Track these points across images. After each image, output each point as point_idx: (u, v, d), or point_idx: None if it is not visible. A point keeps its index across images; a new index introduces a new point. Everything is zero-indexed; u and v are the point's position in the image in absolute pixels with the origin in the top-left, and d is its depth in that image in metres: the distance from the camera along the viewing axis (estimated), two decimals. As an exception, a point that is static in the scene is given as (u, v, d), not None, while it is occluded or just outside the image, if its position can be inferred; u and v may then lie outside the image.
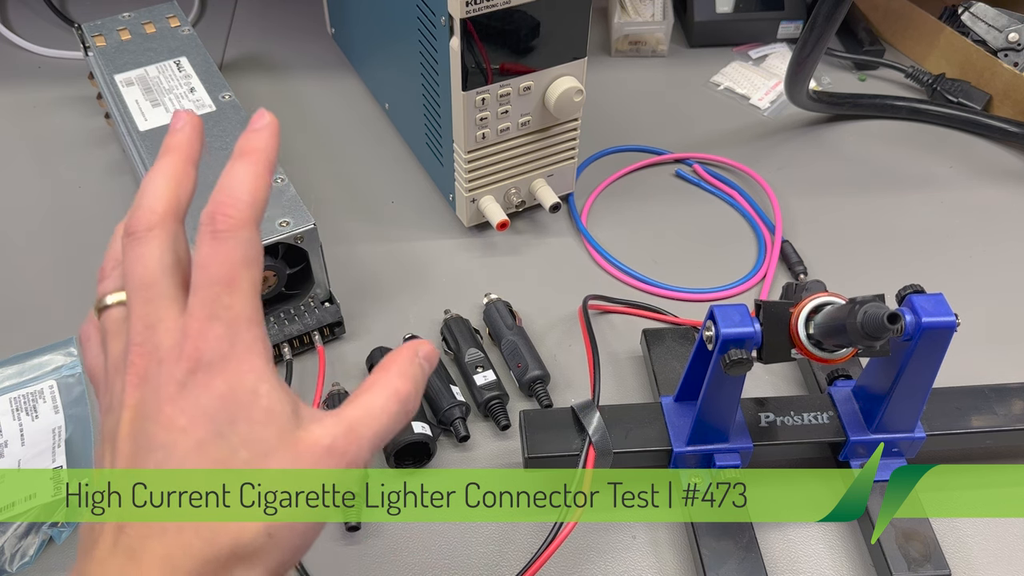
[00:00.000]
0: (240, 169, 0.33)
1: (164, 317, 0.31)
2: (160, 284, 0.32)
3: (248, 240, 0.32)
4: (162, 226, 0.33)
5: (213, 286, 0.31)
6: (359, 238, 0.70)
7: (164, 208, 0.33)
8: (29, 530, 0.51)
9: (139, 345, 0.31)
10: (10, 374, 0.59)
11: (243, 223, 0.32)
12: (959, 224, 0.72)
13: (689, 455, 0.51)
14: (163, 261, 0.32)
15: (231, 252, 0.31)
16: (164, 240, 0.33)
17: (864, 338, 0.40)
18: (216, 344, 0.30)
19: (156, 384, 0.31)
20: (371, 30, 0.75)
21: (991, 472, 0.55)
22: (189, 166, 0.35)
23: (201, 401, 0.30)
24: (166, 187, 0.34)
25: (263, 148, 0.34)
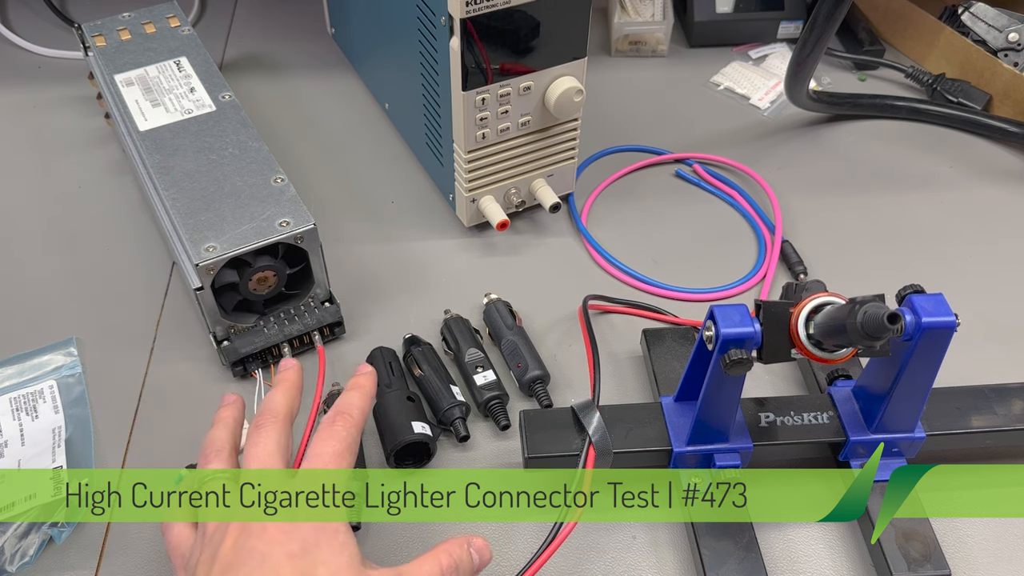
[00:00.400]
0: (354, 394, 0.47)
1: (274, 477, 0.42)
2: (274, 456, 0.44)
3: (354, 436, 0.45)
4: (281, 423, 0.46)
5: (324, 456, 0.43)
6: (359, 238, 0.70)
7: (284, 412, 0.46)
8: (29, 530, 0.51)
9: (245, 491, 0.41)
10: (10, 374, 0.59)
11: (353, 424, 0.45)
12: (959, 224, 0.72)
13: (689, 455, 0.51)
14: (279, 443, 0.44)
15: (344, 439, 0.44)
16: (280, 431, 0.45)
17: (864, 338, 0.40)
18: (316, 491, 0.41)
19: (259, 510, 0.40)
20: (371, 30, 0.75)
21: (991, 472, 0.55)
22: (297, 392, 0.48)
23: (297, 527, 0.40)
24: (285, 400, 0.47)
25: (367, 385, 0.49)
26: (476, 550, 0.44)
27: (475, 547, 0.44)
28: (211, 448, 0.46)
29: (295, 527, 0.40)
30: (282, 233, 0.56)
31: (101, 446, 0.56)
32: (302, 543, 0.40)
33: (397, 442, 0.53)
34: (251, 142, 0.63)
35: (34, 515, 0.51)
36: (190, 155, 0.62)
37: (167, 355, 0.61)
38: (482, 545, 0.44)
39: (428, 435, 0.53)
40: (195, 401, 0.58)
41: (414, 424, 0.53)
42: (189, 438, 0.55)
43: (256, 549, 0.39)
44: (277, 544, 0.39)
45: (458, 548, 0.43)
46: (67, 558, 0.51)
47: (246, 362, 0.59)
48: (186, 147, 0.62)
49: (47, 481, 0.53)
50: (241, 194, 0.58)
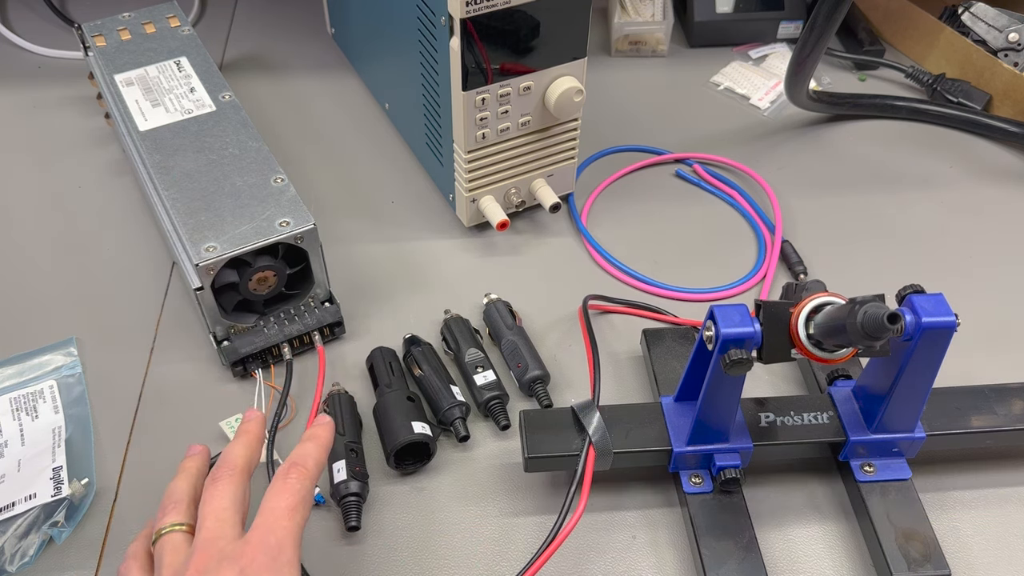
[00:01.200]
0: (310, 445, 0.46)
1: (228, 534, 0.41)
2: (230, 512, 0.43)
3: (308, 489, 0.44)
4: (239, 476, 0.45)
5: (277, 511, 0.42)
6: (359, 238, 0.70)
7: (241, 466, 0.45)
8: (29, 530, 0.51)
9: (203, 549, 0.41)
10: (10, 374, 0.59)
11: (308, 477, 0.44)
12: (959, 224, 0.72)
13: (689, 455, 0.51)
14: (235, 498, 0.44)
15: (297, 492, 0.43)
16: (238, 485, 0.44)
17: (864, 338, 0.40)
18: (268, 551, 0.40)
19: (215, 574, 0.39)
20: (371, 30, 0.75)
21: (991, 472, 0.55)
22: (258, 444, 0.48)
23: None
24: (244, 452, 0.46)
25: (323, 436, 0.47)
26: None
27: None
28: (169, 500, 0.45)
29: None
30: (282, 233, 0.56)
31: (101, 446, 0.56)
32: None
33: (397, 442, 0.53)
34: (251, 142, 0.63)
35: (34, 515, 0.51)
36: (190, 155, 0.62)
37: (167, 355, 0.61)
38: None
39: (428, 435, 0.53)
40: (195, 401, 0.58)
41: (414, 424, 0.53)
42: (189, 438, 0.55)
43: None
44: None
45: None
46: (67, 558, 0.51)
47: (246, 362, 0.59)
48: (186, 147, 0.62)
49: (47, 481, 0.53)
50: (241, 194, 0.58)
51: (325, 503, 0.53)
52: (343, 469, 0.52)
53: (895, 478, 0.52)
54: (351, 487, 0.51)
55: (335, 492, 0.52)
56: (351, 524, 0.51)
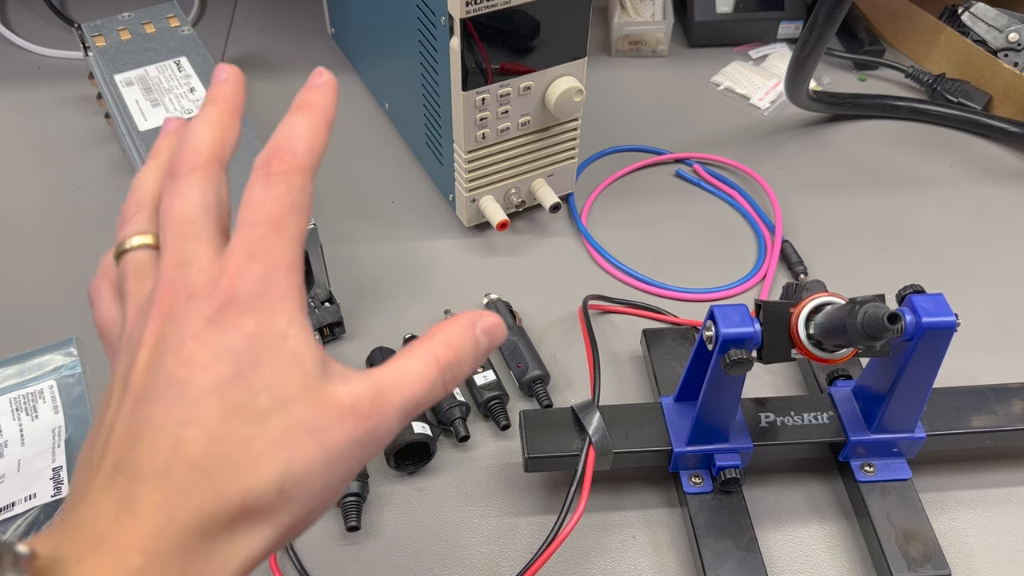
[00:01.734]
0: (299, 119, 0.33)
1: (200, 255, 0.30)
2: (199, 222, 0.31)
3: (300, 187, 0.32)
4: (207, 167, 0.32)
5: (259, 226, 0.30)
6: (359, 238, 0.70)
7: (209, 151, 0.33)
8: (29, 530, 0.51)
9: (169, 282, 0.30)
10: (10, 374, 0.59)
11: (297, 169, 0.32)
12: (959, 224, 0.72)
13: (689, 455, 0.51)
14: (205, 201, 0.32)
15: (282, 196, 0.31)
16: (207, 181, 0.32)
17: (864, 338, 0.40)
18: (252, 284, 0.29)
19: (181, 319, 0.29)
20: (371, 30, 0.75)
21: (991, 472, 0.55)
22: (235, 116, 0.34)
23: (227, 338, 0.29)
24: (212, 132, 0.33)
25: (322, 104, 0.34)
26: (484, 331, 0.33)
27: (483, 328, 0.33)
28: (132, 200, 0.34)
29: (223, 337, 0.28)
30: (282, 233, 0.56)
31: (101, 446, 0.56)
32: (233, 362, 0.28)
33: (397, 442, 0.53)
34: (251, 142, 0.63)
35: (34, 515, 0.51)
36: (190, 155, 0.62)
37: (167, 355, 0.61)
38: (493, 324, 0.33)
39: (428, 435, 0.53)
40: (195, 401, 0.58)
41: (414, 424, 0.53)
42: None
43: (173, 375, 0.28)
44: (198, 367, 0.28)
45: (460, 333, 0.32)
46: (67, 558, 0.51)
47: (246, 362, 0.59)
48: (186, 147, 0.62)
49: (47, 481, 0.53)
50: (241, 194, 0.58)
51: None
52: (343, 469, 0.52)
53: (895, 478, 0.52)
54: (351, 487, 0.51)
55: (335, 492, 0.52)
56: (351, 524, 0.51)
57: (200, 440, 0.27)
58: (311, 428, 0.29)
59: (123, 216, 0.34)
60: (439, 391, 0.32)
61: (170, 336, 0.29)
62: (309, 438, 0.28)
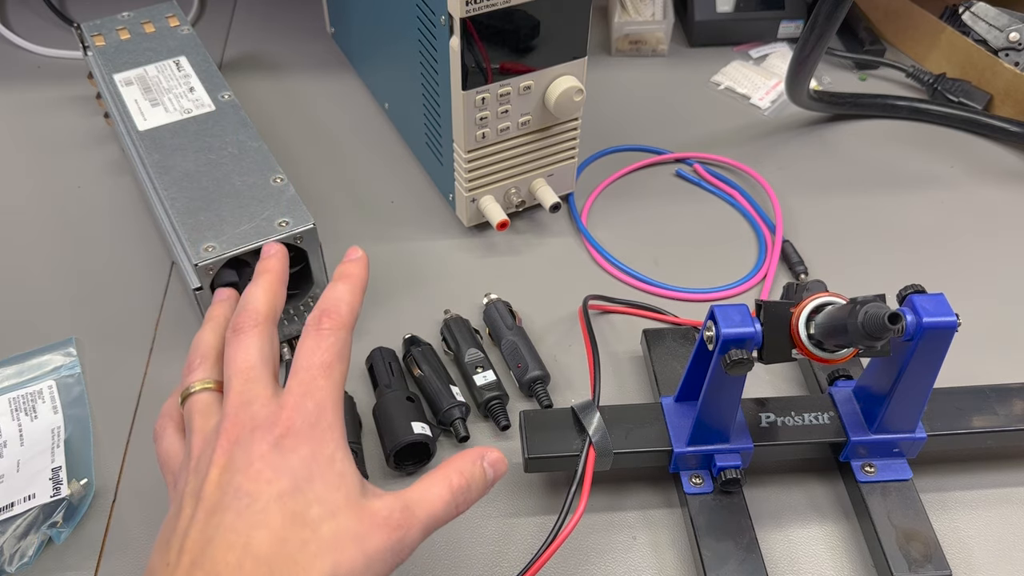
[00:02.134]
0: (342, 286, 0.42)
1: (260, 395, 0.37)
2: (258, 368, 0.39)
3: (344, 340, 0.39)
4: (263, 325, 0.41)
5: (312, 369, 0.38)
6: (359, 238, 0.69)
7: (265, 312, 0.41)
8: (28, 530, 0.51)
9: (235, 416, 0.37)
10: (9, 374, 0.59)
11: (343, 326, 0.40)
12: (959, 224, 0.72)
13: (689, 455, 0.51)
14: (262, 351, 0.39)
15: (332, 346, 0.39)
16: (264, 336, 0.40)
17: (865, 338, 0.40)
18: (306, 416, 0.36)
19: (248, 445, 0.36)
20: (371, 30, 0.75)
21: (992, 472, 0.55)
22: (281, 286, 0.44)
23: (287, 460, 0.35)
24: (266, 297, 0.42)
25: (358, 274, 0.43)
26: (490, 464, 0.40)
27: (489, 461, 0.40)
28: (195, 354, 0.42)
29: (284, 459, 0.35)
30: (282, 233, 0.56)
31: (101, 446, 0.56)
32: (292, 479, 0.35)
33: (397, 442, 0.53)
34: (251, 142, 0.63)
35: (33, 515, 0.51)
36: (189, 155, 0.62)
37: (167, 355, 0.61)
38: (497, 458, 0.40)
39: (428, 435, 0.53)
40: (195, 401, 0.58)
41: (414, 424, 0.53)
42: (189, 438, 0.55)
43: (242, 489, 0.35)
44: (264, 482, 0.35)
45: (470, 464, 0.39)
46: (67, 558, 0.51)
47: (246, 362, 0.59)
48: (185, 147, 0.62)
49: (46, 481, 0.53)
50: (240, 194, 0.58)
51: None
52: (343, 469, 0.52)
53: (896, 478, 0.52)
54: (351, 487, 0.51)
55: (335, 492, 0.52)
56: (351, 524, 0.51)
57: (266, 541, 0.34)
58: (354, 535, 0.35)
59: (189, 366, 0.41)
60: (452, 511, 0.39)
61: (238, 458, 0.36)
62: (353, 543, 0.35)
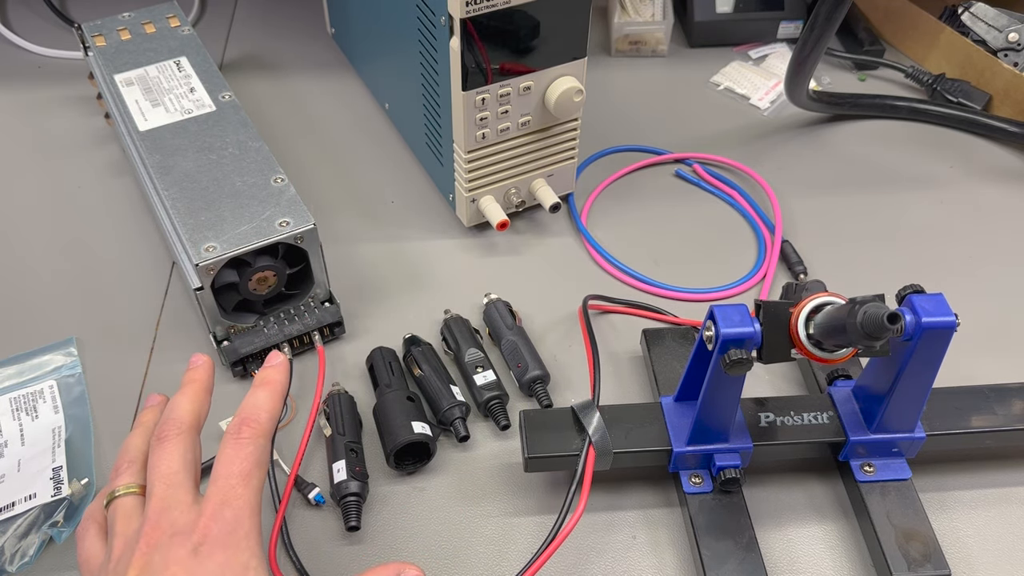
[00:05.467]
0: (261, 394, 0.43)
1: (181, 501, 0.39)
2: (180, 475, 0.40)
3: (263, 447, 0.40)
4: (187, 433, 0.41)
5: (231, 478, 0.39)
6: (359, 238, 0.70)
7: (188, 421, 0.42)
8: (29, 530, 0.51)
9: (155, 521, 0.38)
10: (10, 374, 0.59)
11: (261, 433, 0.41)
12: (959, 224, 0.72)
13: (689, 455, 0.51)
14: (184, 458, 0.40)
15: (250, 454, 0.40)
16: (186, 444, 0.41)
17: (864, 338, 0.40)
18: (224, 524, 0.37)
19: (166, 551, 0.37)
20: (371, 30, 0.75)
21: (991, 472, 0.55)
22: (205, 395, 0.44)
23: (203, 566, 0.36)
24: (190, 407, 0.43)
25: (278, 380, 0.44)
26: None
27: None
28: (123, 459, 0.43)
29: (200, 565, 0.37)
30: (282, 233, 0.56)
31: (101, 446, 0.56)
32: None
33: (397, 442, 0.53)
34: (251, 142, 0.63)
35: (34, 515, 0.51)
36: (190, 155, 0.62)
37: (167, 355, 0.61)
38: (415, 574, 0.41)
39: (428, 435, 0.53)
40: (195, 401, 0.58)
41: (414, 424, 0.53)
42: (189, 438, 0.55)
43: None
44: None
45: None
46: (67, 558, 0.51)
47: (246, 362, 0.59)
48: (186, 147, 0.62)
49: (47, 481, 0.53)
50: (241, 194, 0.58)
51: (325, 503, 0.53)
52: (343, 469, 0.52)
53: (895, 478, 0.52)
54: (351, 487, 0.51)
55: (335, 492, 0.52)
56: (351, 524, 0.51)
57: None
58: None
59: (116, 470, 0.42)
60: None
61: (156, 563, 0.37)
62: None
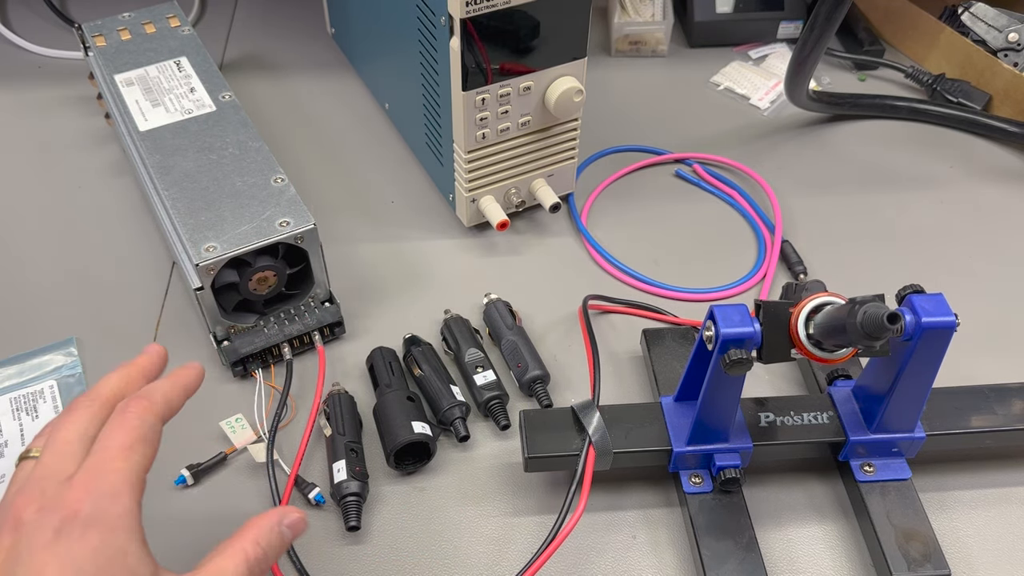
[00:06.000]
0: (162, 382, 0.41)
1: (61, 472, 0.36)
2: (74, 444, 0.37)
3: (151, 425, 0.38)
4: (98, 406, 0.39)
5: (109, 450, 0.36)
6: (359, 238, 0.70)
7: (105, 395, 0.40)
8: (29, 530, 0.51)
9: (27, 492, 0.35)
10: (10, 374, 0.59)
11: (151, 411, 0.38)
12: (959, 224, 0.72)
13: (689, 455, 0.51)
14: (85, 431, 0.38)
15: (134, 428, 0.37)
16: (94, 416, 0.38)
17: (864, 338, 0.40)
18: (97, 500, 0.34)
19: (31, 530, 0.34)
20: (371, 30, 0.75)
21: (991, 472, 0.55)
22: (139, 377, 0.42)
23: (73, 551, 0.33)
24: (113, 383, 0.41)
25: (187, 378, 0.42)
26: (289, 526, 0.39)
27: (288, 523, 0.39)
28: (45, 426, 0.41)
29: (69, 550, 0.33)
30: (282, 233, 0.56)
31: (101, 446, 0.56)
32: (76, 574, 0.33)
33: (397, 442, 0.53)
34: (251, 142, 0.63)
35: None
36: (190, 155, 0.62)
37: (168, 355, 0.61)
38: (296, 520, 0.40)
39: (428, 435, 0.53)
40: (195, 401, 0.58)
41: (414, 424, 0.53)
42: (188, 438, 0.55)
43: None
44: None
45: (267, 532, 0.38)
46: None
47: (246, 362, 0.59)
48: (186, 147, 0.63)
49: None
50: (241, 194, 0.58)
51: (325, 503, 0.53)
52: (343, 469, 0.52)
53: (895, 478, 0.52)
54: (351, 487, 0.51)
55: (335, 492, 0.52)
56: (351, 524, 0.51)
57: None
58: None
59: (42, 431, 0.40)
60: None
61: (22, 545, 0.34)
62: None
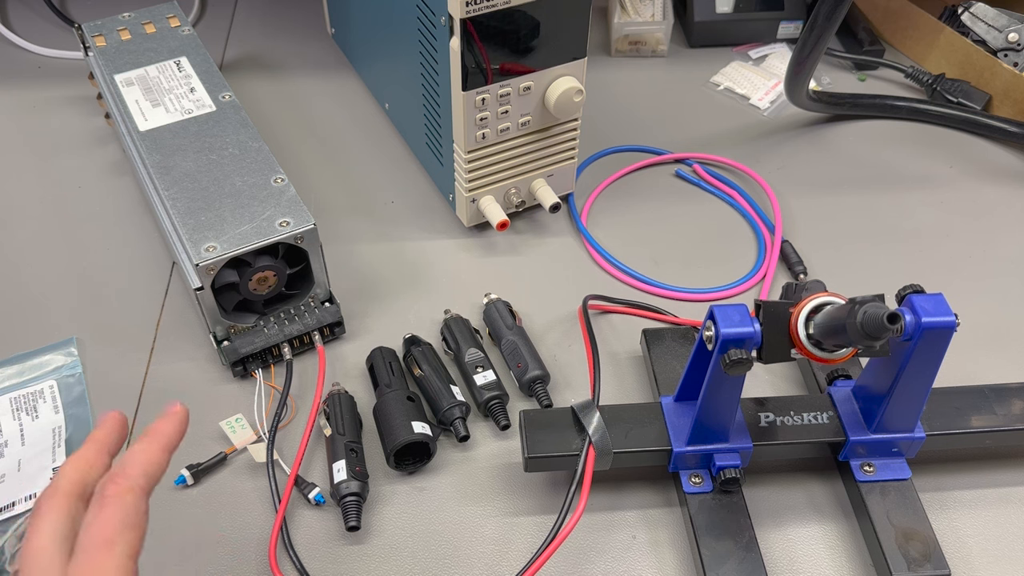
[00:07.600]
0: (139, 446, 0.38)
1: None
2: (49, 551, 0.35)
3: (132, 505, 0.36)
4: (63, 501, 0.36)
5: (90, 550, 0.34)
6: (359, 238, 0.70)
7: (64, 487, 0.37)
8: (29, 530, 0.51)
9: None
10: (10, 374, 0.59)
11: (129, 490, 0.36)
12: (959, 224, 0.72)
13: (689, 455, 0.51)
14: (56, 531, 0.36)
15: (112, 516, 0.35)
16: (62, 513, 0.36)
17: (864, 338, 0.40)
18: None
19: None
20: (371, 30, 0.75)
21: (991, 472, 0.55)
22: (104, 455, 0.39)
23: None
24: (72, 471, 0.38)
25: (166, 432, 0.39)
26: None
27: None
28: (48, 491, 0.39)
29: None
30: (282, 233, 0.56)
31: (101, 446, 0.56)
32: None
33: (397, 442, 0.53)
34: (251, 142, 0.63)
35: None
36: (190, 155, 0.62)
37: (167, 355, 0.61)
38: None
39: (428, 435, 0.53)
40: (195, 401, 0.58)
41: (414, 424, 0.54)
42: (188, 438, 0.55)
43: None
44: None
45: None
46: (67, 558, 0.51)
47: (246, 362, 0.59)
48: (186, 147, 0.63)
49: (47, 481, 0.53)
50: (241, 194, 0.58)
51: (325, 503, 0.53)
52: (343, 469, 0.52)
53: (895, 478, 0.52)
54: (351, 487, 0.51)
55: (335, 492, 0.52)
56: (351, 524, 0.51)
57: None
58: None
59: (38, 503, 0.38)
60: None
61: None
62: None
